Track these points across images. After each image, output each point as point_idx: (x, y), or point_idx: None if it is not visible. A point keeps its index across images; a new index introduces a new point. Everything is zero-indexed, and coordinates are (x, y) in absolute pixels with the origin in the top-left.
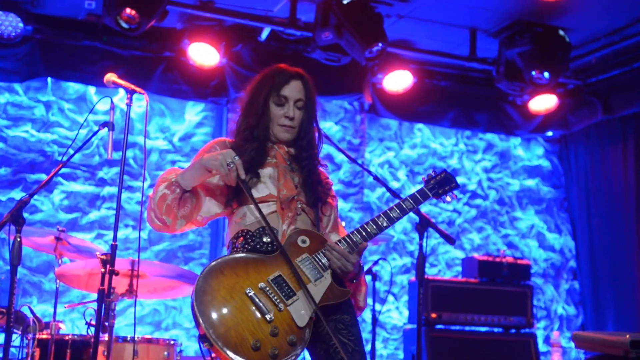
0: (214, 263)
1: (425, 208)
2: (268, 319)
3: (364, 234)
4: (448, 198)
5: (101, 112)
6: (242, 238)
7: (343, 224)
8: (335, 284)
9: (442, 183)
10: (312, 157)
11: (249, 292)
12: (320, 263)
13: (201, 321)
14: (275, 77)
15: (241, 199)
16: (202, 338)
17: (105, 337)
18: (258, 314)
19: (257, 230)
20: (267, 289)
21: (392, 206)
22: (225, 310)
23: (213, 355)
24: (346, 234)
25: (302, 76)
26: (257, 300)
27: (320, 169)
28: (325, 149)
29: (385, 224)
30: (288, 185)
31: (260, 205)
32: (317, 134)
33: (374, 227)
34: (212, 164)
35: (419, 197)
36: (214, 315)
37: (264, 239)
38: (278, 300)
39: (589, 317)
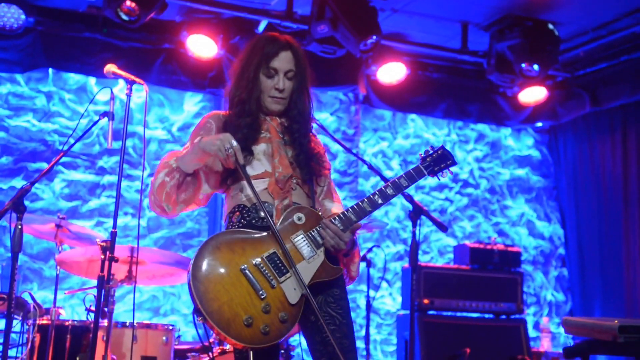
0: (211, 239)
1: (418, 196)
2: (261, 295)
3: (358, 211)
4: (445, 177)
5: (101, 103)
6: (238, 212)
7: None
8: (327, 261)
9: (438, 160)
10: (304, 127)
11: (244, 269)
12: (314, 241)
13: (195, 296)
14: (265, 48)
15: (236, 177)
16: (196, 312)
17: (105, 322)
18: (251, 291)
19: (253, 206)
20: (261, 265)
21: (387, 183)
22: (219, 286)
23: (214, 336)
24: (341, 211)
25: (291, 45)
26: (250, 276)
27: (312, 134)
28: (321, 139)
29: (380, 201)
30: (283, 162)
31: (255, 181)
32: (309, 103)
33: (369, 204)
34: (210, 148)
35: (414, 174)
36: (209, 291)
37: (261, 214)
38: (271, 277)
39: (577, 304)
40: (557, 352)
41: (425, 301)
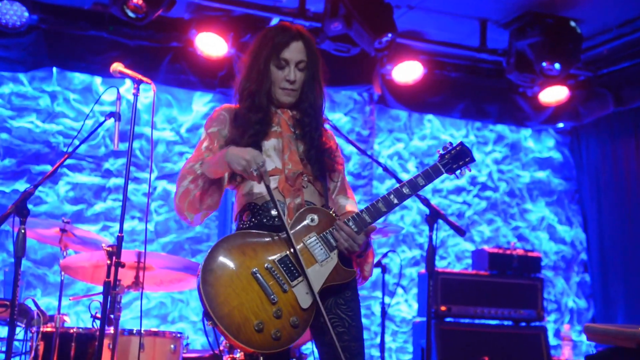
0: (221, 241)
1: (435, 200)
2: (272, 300)
3: (373, 211)
4: (464, 174)
5: (107, 103)
6: (248, 212)
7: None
8: (341, 264)
9: (457, 157)
10: (315, 121)
11: (255, 272)
12: (328, 243)
13: (205, 300)
14: (275, 38)
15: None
16: (206, 316)
17: (111, 330)
18: (262, 295)
19: (264, 204)
20: (273, 269)
21: (403, 182)
22: (230, 290)
23: (224, 342)
24: (355, 212)
25: (303, 35)
26: (262, 280)
27: (325, 128)
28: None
29: (395, 201)
30: (293, 159)
31: None
32: (321, 95)
33: (384, 204)
34: (236, 166)
35: (431, 173)
36: (219, 295)
37: (272, 212)
38: (283, 281)
39: (599, 311)
40: None
41: (443, 308)
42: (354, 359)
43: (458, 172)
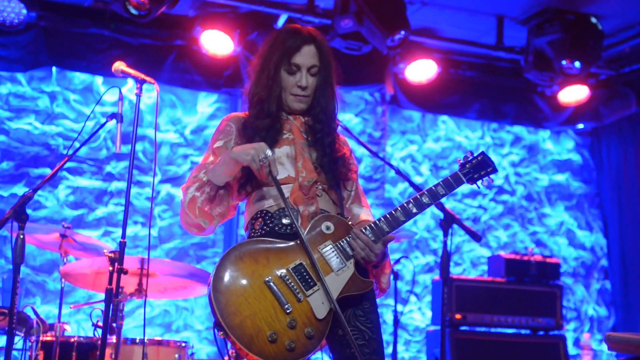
0: (233, 248)
1: (449, 204)
2: (286, 310)
3: (391, 220)
4: (485, 184)
5: (109, 103)
6: (260, 219)
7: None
8: (357, 274)
9: (478, 167)
10: (328, 127)
11: (268, 281)
12: (344, 252)
13: (217, 309)
14: (286, 42)
15: (257, 182)
16: (217, 326)
17: (113, 339)
18: (276, 304)
19: (277, 212)
20: (287, 278)
21: (422, 191)
22: (242, 299)
23: (231, 351)
24: (373, 221)
25: (315, 38)
26: (275, 289)
27: (338, 134)
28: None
29: (415, 211)
30: (307, 166)
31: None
32: (334, 100)
33: (402, 213)
34: (243, 158)
35: (452, 182)
36: (230, 304)
37: (284, 221)
38: (297, 290)
39: (620, 319)
40: None
41: (457, 316)
42: None
43: (479, 182)
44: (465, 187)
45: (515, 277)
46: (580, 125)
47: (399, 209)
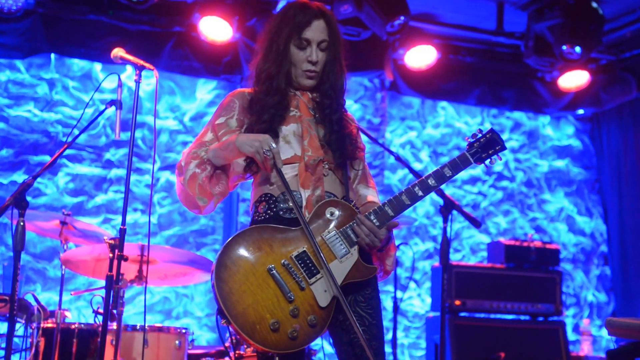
0: (236, 236)
1: (449, 190)
2: (289, 298)
3: (396, 204)
4: (494, 164)
5: (108, 90)
6: (264, 203)
7: None
8: (361, 260)
9: (487, 145)
10: (336, 103)
11: (271, 269)
12: (348, 238)
13: (219, 297)
14: (296, 17)
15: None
16: (220, 313)
17: (114, 325)
18: (279, 293)
19: (280, 196)
20: (290, 265)
21: (429, 174)
22: (244, 287)
23: (229, 340)
24: (378, 205)
25: (324, 13)
26: (278, 277)
27: (345, 110)
28: None
29: (420, 194)
30: (313, 144)
31: (284, 167)
32: (342, 75)
33: (407, 197)
34: (247, 149)
35: (459, 162)
36: (233, 292)
37: (289, 204)
38: (300, 278)
39: (620, 305)
40: (598, 356)
41: (457, 302)
42: (375, 358)
43: (488, 161)
44: (465, 174)
45: (514, 263)
46: (581, 111)
47: (404, 192)
